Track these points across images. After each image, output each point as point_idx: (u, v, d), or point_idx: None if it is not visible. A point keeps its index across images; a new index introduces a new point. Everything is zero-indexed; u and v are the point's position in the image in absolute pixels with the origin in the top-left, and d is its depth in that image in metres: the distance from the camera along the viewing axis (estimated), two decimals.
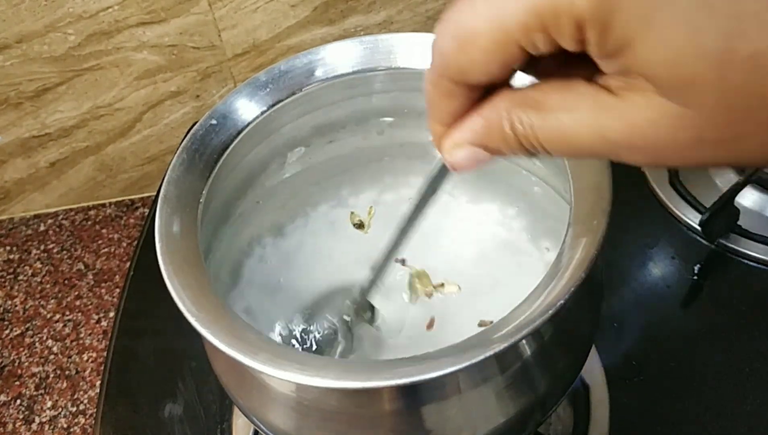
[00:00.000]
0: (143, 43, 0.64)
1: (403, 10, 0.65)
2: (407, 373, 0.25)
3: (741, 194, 0.54)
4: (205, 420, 0.49)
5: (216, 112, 0.36)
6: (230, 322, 0.27)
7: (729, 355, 0.48)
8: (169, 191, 0.33)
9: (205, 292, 0.29)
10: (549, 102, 0.20)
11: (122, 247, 0.71)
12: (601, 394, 0.46)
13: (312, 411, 0.30)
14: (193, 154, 0.35)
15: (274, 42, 0.66)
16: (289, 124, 0.40)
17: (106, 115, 0.69)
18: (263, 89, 0.37)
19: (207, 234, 0.35)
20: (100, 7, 0.60)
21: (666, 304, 0.51)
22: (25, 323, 0.65)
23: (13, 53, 0.62)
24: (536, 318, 0.26)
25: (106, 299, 0.66)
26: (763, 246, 0.53)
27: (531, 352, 0.31)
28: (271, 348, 0.26)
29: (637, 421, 0.46)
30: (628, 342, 0.50)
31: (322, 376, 0.25)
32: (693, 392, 0.47)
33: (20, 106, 0.66)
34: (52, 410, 0.59)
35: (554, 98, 0.20)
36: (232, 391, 0.34)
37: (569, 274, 0.27)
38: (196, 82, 0.67)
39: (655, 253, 0.54)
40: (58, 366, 0.62)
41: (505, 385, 0.30)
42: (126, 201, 0.76)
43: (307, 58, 0.38)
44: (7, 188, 0.74)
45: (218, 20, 0.63)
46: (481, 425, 0.31)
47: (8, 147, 0.70)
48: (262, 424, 0.33)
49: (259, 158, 0.40)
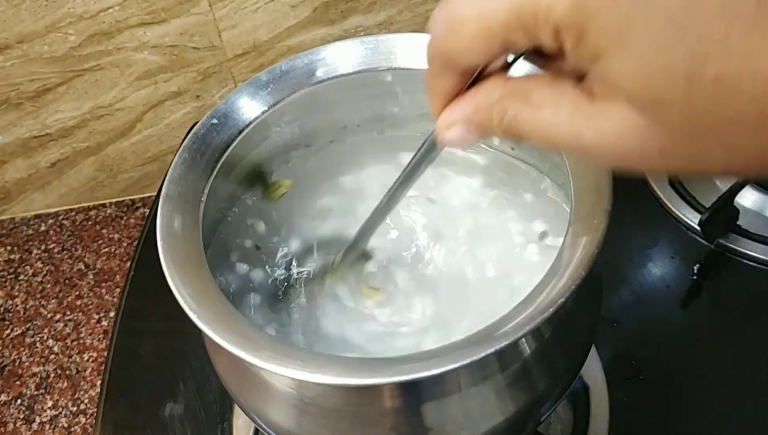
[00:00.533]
0: (144, 44, 0.64)
1: (404, 11, 0.65)
2: (408, 370, 0.25)
3: (740, 194, 0.54)
4: (206, 419, 0.49)
5: (217, 112, 0.36)
6: (232, 320, 0.28)
7: (729, 355, 0.48)
8: (171, 190, 0.33)
9: (207, 290, 0.29)
10: (536, 97, 0.21)
11: (123, 247, 0.71)
12: (601, 393, 0.47)
13: (313, 408, 0.30)
14: (195, 153, 0.35)
15: (274, 42, 0.66)
16: (289, 124, 0.40)
17: (106, 116, 0.69)
18: (264, 89, 0.38)
19: (208, 232, 0.35)
20: (101, 8, 0.60)
21: (666, 303, 0.52)
22: (26, 323, 0.65)
23: (14, 53, 0.62)
24: (536, 316, 0.26)
25: (107, 299, 0.66)
26: (763, 246, 0.53)
27: (531, 350, 0.31)
28: (272, 345, 0.26)
29: (636, 420, 0.46)
30: (627, 342, 0.50)
31: (323, 373, 0.25)
32: (693, 392, 0.47)
33: (21, 107, 0.67)
34: (52, 410, 0.59)
35: (542, 94, 0.21)
36: (233, 389, 0.34)
37: (569, 273, 0.27)
38: (196, 82, 0.68)
39: (655, 252, 0.54)
40: (59, 366, 0.62)
41: (505, 384, 0.31)
42: (126, 201, 0.76)
43: (307, 58, 0.38)
44: (7, 188, 0.74)
45: (219, 20, 0.63)
46: (481, 424, 0.31)
47: (9, 147, 0.70)
48: (262, 422, 0.33)
49: (260, 158, 0.40)
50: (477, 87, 0.23)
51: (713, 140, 0.17)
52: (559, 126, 0.20)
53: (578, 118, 0.20)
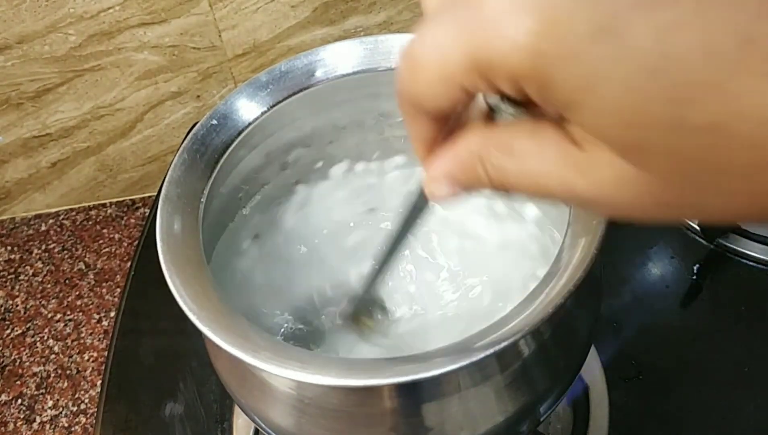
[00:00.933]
0: (144, 44, 0.64)
1: (404, 11, 0.65)
2: (408, 371, 0.25)
3: None
4: (206, 419, 0.49)
5: (217, 113, 0.36)
6: (231, 320, 0.28)
7: (728, 355, 0.48)
8: (171, 190, 0.33)
9: (207, 291, 0.29)
10: (519, 147, 0.19)
11: (123, 247, 0.71)
12: (601, 393, 0.47)
13: (313, 409, 0.30)
14: (194, 154, 0.35)
15: (274, 42, 0.66)
16: (289, 124, 0.40)
17: (106, 116, 0.69)
18: (264, 90, 0.38)
19: (208, 233, 0.35)
20: (101, 8, 0.60)
21: (665, 303, 0.52)
22: (26, 323, 0.65)
23: (14, 54, 0.62)
24: (536, 317, 0.26)
25: (107, 299, 0.66)
26: (763, 246, 0.53)
27: (531, 351, 0.31)
28: (272, 346, 0.26)
29: (636, 420, 0.46)
30: (627, 342, 0.50)
31: (323, 374, 0.25)
32: (692, 392, 0.47)
33: (21, 107, 0.67)
34: (53, 410, 0.59)
35: (524, 144, 0.19)
36: (233, 389, 0.34)
37: (569, 273, 0.27)
38: (196, 82, 0.68)
39: (655, 252, 0.54)
40: (59, 365, 0.62)
41: (504, 384, 0.31)
42: (127, 201, 0.76)
43: (307, 58, 0.38)
44: (8, 188, 0.74)
45: (219, 21, 0.63)
46: (481, 424, 0.31)
47: (9, 147, 0.70)
48: (262, 423, 0.33)
49: (260, 158, 0.40)
50: (455, 137, 0.21)
51: (707, 188, 0.16)
52: (548, 177, 0.18)
53: (566, 168, 0.18)
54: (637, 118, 0.15)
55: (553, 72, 0.15)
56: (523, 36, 0.15)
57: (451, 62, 0.17)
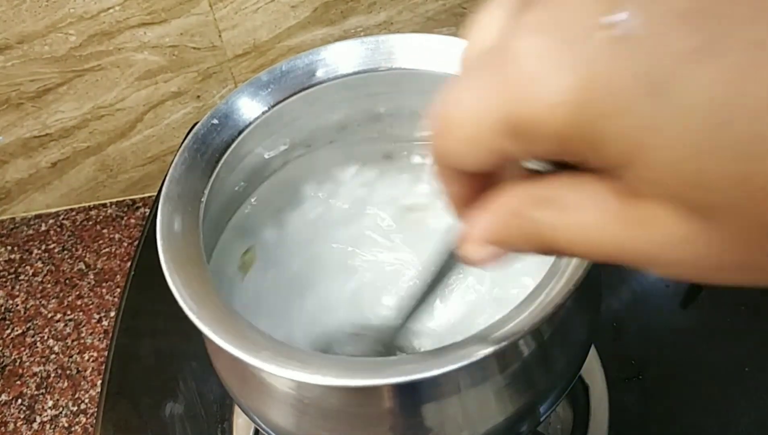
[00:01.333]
0: (144, 44, 0.64)
1: (404, 11, 0.65)
2: (408, 371, 0.25)
3: None
4: (206, 419, 0.49)
5: (218, 112, 0.36)
6: (232, 320, 0.28)
7: (728, 355, 0.48)
8: (171, 190, 0.33)
9: (207, 290, 0.29)
10: (564, 200, 0.17)
11: (123, 247, 0.71)
12: (601, 393, 0.47)
13: (313, 409, 0.30)
14: (195, 153, 0.35)
15: (274, 42, 0.66)
16: (290, 124, 0.40)
17: (107, 116, 0.69)
18: (264, 89, 0.38)
19: (208, 233, 0.35)
20: (101, 8, 0.61)
21: (665, 303, 0.52)
22: (26, 323, 0.65)
23: (14, 54, 0.63)
24: (536, 317, 0.26)
25: (107, 299, 0.66)
26: None
27: (530, 351, 0.31)
28: (272, 346, 0.26)
29: (636, 420, 0.46)
30: (627, 342, 0.50)
31: (323, 374, 0.25)
32: (692, 392, 0.47)
33: (21, 107, 0.67)
34: (53, 410, 0.59)
35: (569, 196, 0.17)
36: (233, 389, 0.34)
37: (568, 273, 0.27)
38: (196, 82, 0.68)
39: None
40: (59, 365, 0.62)
41: (504, 384, 0.31)
42: (127, 201, 0.76)
43: (308, 58, 0.38)
44: (8, 188, 0.74)
45: (219, 21, 0.63)
46: (481, 424, 0.31)
47: (9, 147, 0.70)
48: (262, 423, 0.33)
49: (260, 158, 0.40)
50: (491, 196, 0.19)
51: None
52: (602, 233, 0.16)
53: (618, 223, 0.16)
54: (704, 173, 0.14)
55: (605, 129, 0.14)
56: (565, 92, 0.14)
57: (485, 125, 0.16)
